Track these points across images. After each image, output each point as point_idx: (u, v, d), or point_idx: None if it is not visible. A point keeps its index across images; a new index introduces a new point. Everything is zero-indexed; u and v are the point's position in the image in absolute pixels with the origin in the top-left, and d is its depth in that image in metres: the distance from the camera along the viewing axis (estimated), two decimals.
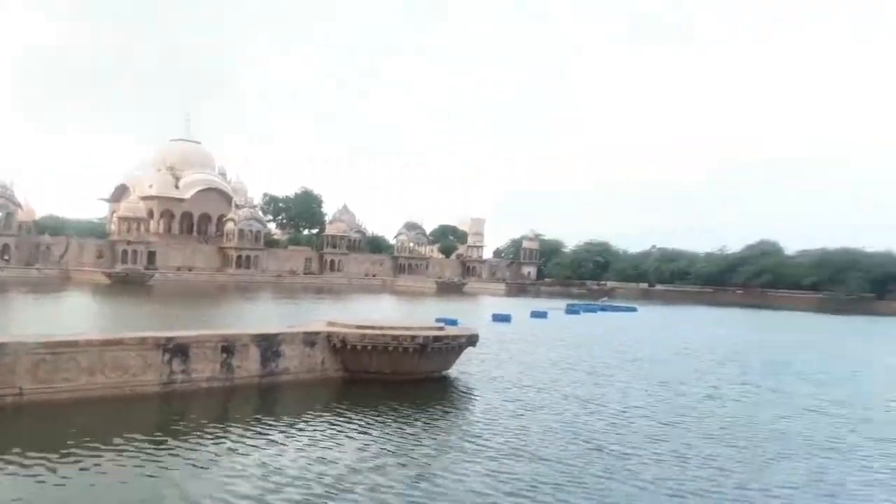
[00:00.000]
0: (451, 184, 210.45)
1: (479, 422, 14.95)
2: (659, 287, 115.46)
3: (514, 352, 27.08)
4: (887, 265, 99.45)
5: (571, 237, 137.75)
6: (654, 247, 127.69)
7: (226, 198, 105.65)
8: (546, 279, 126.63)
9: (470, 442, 12.94)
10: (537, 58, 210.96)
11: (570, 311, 59.15)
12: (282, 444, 12.34)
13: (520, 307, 57.61)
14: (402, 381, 18.62)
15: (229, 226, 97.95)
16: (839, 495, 10.66)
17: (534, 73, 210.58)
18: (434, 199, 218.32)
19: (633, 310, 66.83)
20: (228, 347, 17.12)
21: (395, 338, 18.86)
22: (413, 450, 12.19)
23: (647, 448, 12.92)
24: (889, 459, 12.99)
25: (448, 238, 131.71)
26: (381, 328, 19.61)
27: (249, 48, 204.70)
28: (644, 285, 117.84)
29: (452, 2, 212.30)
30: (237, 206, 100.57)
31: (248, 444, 12.12)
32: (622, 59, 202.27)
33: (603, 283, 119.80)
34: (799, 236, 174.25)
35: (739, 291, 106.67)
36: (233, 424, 13.48)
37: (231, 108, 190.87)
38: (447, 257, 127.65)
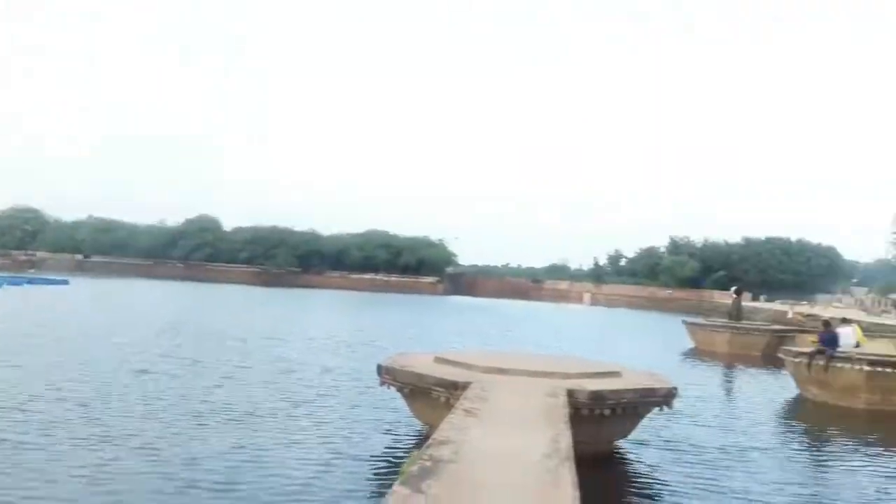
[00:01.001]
0: None
1: None
2: (97, 259, 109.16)
3: None
4: (311, 243, 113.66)
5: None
6: (90, 216, 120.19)
7: None
8: None
9: None
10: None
11: None
12: None
13: None
14: None
15: None
16: (259, 459, 11.05)
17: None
18: None
19: (65, 283, 62.46)
20: None
21: None
22: None
23: (59, 436, 11.50)
24: (297, 420, 14.14)
25: None
26: None
27: None
28: (80, 257, 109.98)
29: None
30: None
31: None
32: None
33: (31, 253, 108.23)
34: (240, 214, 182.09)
35: (180, 265, 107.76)
36: None
37: None
38: None
